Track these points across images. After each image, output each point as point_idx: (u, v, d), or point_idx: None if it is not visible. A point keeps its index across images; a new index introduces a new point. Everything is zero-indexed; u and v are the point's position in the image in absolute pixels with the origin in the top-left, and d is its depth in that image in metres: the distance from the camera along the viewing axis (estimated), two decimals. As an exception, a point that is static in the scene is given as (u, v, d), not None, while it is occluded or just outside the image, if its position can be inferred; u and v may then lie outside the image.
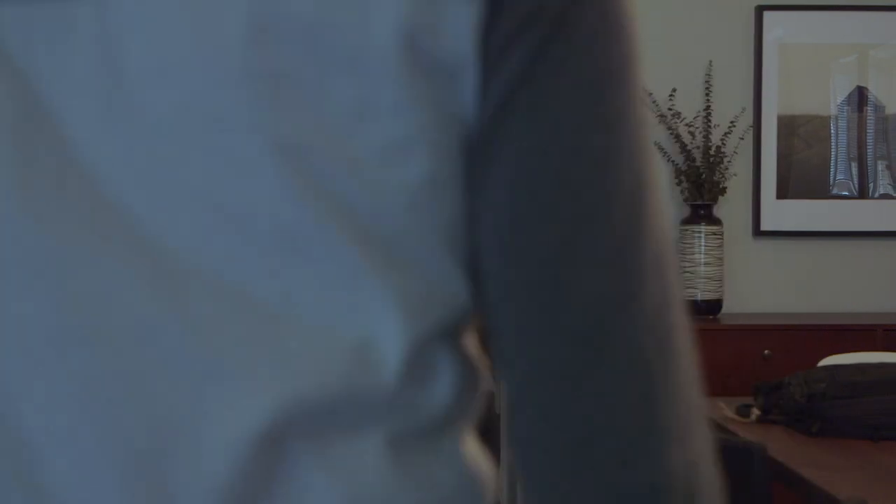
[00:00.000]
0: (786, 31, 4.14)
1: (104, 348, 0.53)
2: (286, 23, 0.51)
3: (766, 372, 3.73)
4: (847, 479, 2.10)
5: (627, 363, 0.55)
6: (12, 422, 0.53)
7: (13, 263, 0.53)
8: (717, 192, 3.94)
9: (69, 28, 0.52)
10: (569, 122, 0.55)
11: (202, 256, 0.52)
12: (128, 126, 0.52)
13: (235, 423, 0.53)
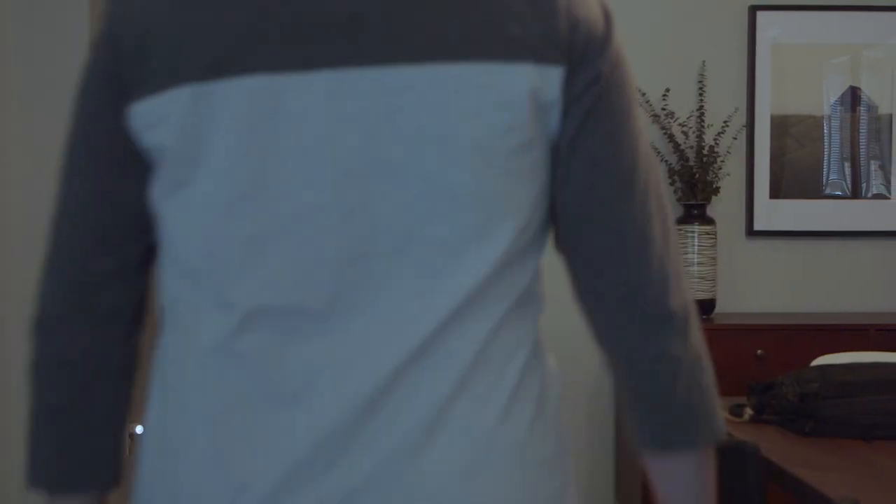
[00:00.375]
0: (779, 31, 4.15)
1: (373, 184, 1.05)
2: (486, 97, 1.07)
3: (760, 371, 3.74)
4: (840, 479, 2.10)
5: (650, 249, 1.12)
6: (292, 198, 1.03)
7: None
8: (710, 191, 3.94)
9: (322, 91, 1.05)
10: (615, 132, 1.11)
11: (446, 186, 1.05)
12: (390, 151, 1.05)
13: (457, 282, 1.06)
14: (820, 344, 3.54)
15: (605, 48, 1.10)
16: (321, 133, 1.03)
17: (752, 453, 2.11)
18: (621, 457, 4.06)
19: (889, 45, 4.16)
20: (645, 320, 1.12)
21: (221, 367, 1.07)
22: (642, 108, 4.05)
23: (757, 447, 2.11)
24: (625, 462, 4.01)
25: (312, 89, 1.03)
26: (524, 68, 1.05)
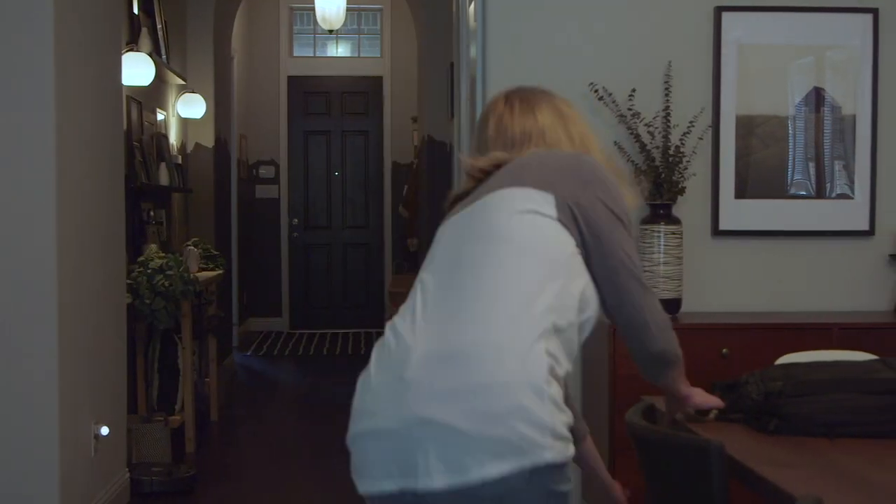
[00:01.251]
0: (744, 33, 4.17)
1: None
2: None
3: (725, 370, 3.75)
4: (803, 478, 2.11)
5: (639, 300, 2.18)
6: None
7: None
8: (676, 191, 3.96)
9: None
10: (608, 237, 2.16)
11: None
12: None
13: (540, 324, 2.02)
14: (784, 343, 3.56)
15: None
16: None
17: (717, 451, 2.12)
18: (588, 456, 4.07)
19: (852, 47, 4.19)
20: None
21: None
22: (609, 109, 4.06)
23: (721, 445, 2.12)
24: (591, 461, 4.02)
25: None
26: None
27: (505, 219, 2.11)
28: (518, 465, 1.90)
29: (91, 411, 4.42)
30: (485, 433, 1.90)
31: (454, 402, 1.92)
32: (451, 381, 1.94)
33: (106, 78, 4.76)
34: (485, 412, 1.91)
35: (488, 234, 2.11)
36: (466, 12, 4.76)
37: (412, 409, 1.94)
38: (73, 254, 4.18)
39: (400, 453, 1.96)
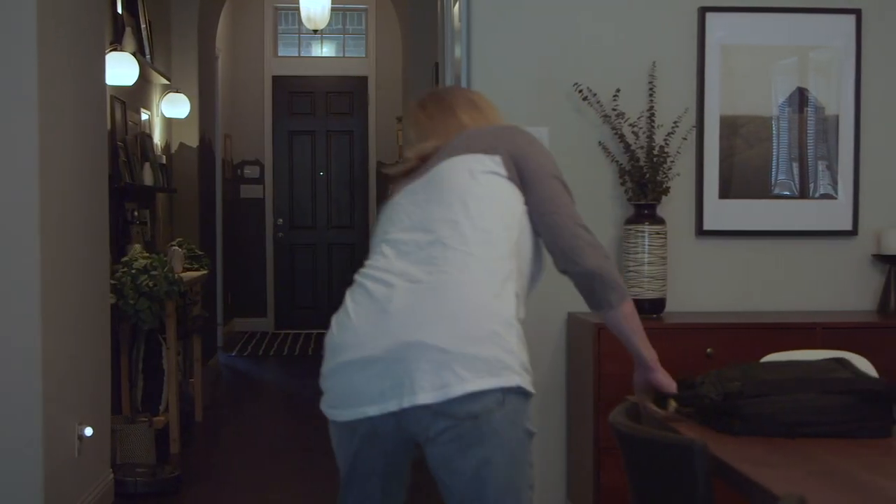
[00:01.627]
0: (728, 33, 4.18)
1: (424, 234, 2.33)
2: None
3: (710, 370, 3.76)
4: (787, 477, 2.12)
5: (572, 226, 2.39)
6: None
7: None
8: (660, 191, 3.97)
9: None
10: (548, 185, 2.43)
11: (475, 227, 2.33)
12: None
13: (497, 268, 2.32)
14: (768, 342, 3.57)
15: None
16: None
17: (700, 451, 2.12)
18: (573, 457, 4.08)
19: (835, 48, 4.21)
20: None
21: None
22: (593, 109, 4.07)
23: (705, 444, 2.13)
24: (577, 462, 4.02)
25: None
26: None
27: (467, 178, 2.35)
28: (493, 383, 2.17)
29: (75, 412, 4.41)
30: (466, 352, 2.16)
31: (438, 326, 2.17)
32: (434, 308, 2.18)
33: (90, 77, 4.74)
34: (465, 335, 2.17)
35: (452, 193, 2.34)
36: (451, 12, 4.76)
37: (399, 336, 2.18)
38: (57, 254, 4.17)
39: (386, 378, 2.18)
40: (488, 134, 2.45)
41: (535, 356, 4.12)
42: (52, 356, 4.09)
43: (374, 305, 2.23)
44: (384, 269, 2.29)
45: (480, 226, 2.29)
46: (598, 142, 4.10)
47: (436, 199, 2.35)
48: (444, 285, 2.22)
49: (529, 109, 4.12)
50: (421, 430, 2.21)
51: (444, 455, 2.22)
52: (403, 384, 2.16)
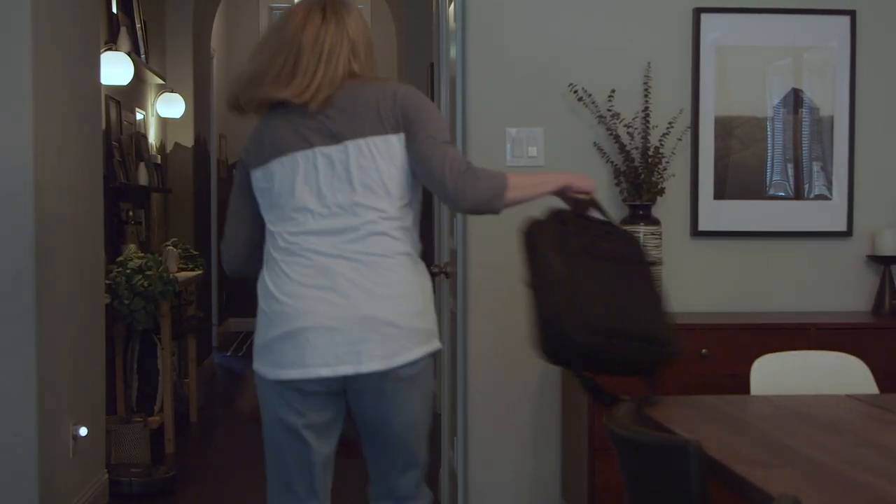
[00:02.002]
0: (723, 34, 4.19)
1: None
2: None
3: (704, 370, 3.77)
4: (782, 477, 2.12)
5: (455, 154, 2.63)
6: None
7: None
8: (655, 192, 3.97)
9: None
10: (430, 123, 2.65)
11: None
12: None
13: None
14: (762, 343, 3.58)
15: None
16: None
17: (694, 451, 2.12)
18: (568, 456, 4.08)
19: (830, 48, 4.21)
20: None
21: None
22: (588, 110, 4.07)
23: (700, 445, 2.13)
24: (571, 461, 4.03)
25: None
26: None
27: (384, 166, 2.63)
28: (426, 350, 2.65)
29: (70, 412, 4.40)
30: (410, 326, 2.60)
31: (390, 305, 2.58)
32: (384, 289, 2.58)
33: (84, 77, 4.74)
34: (408, 311, 2.61)
35: (367, 179, 2.62)
36: (446, 13, 4.76)
37: (360, 310, 2.57)
38: (52, 254, 4.16)
39: (344, 346, 2.57)
40: (385, 104, 2.63)
41: (530, 356, 4.13)
42: (46, 356, 4.09)
43: (320, 278, 2.60)
44: (307, 240, 2.64)
45: (397, 212, 2.65)
46: (593, 142, 4.10)
47: (350, 181, 2.63)
48: (386, 268, 2.62)
49: (524, 110, 4.12)
50: (366, 389, 2.61)
51: (384, 408, 2.64)
52: (360, 353, 2.57)
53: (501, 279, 4.12)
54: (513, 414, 4.15)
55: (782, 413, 2.74)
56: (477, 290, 4.14)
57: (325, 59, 2.64)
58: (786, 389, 3.09)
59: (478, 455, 4.15)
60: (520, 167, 4.11)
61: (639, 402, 2.61)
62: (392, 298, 2.59)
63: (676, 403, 2.87)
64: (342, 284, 2.58)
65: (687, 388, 3.68)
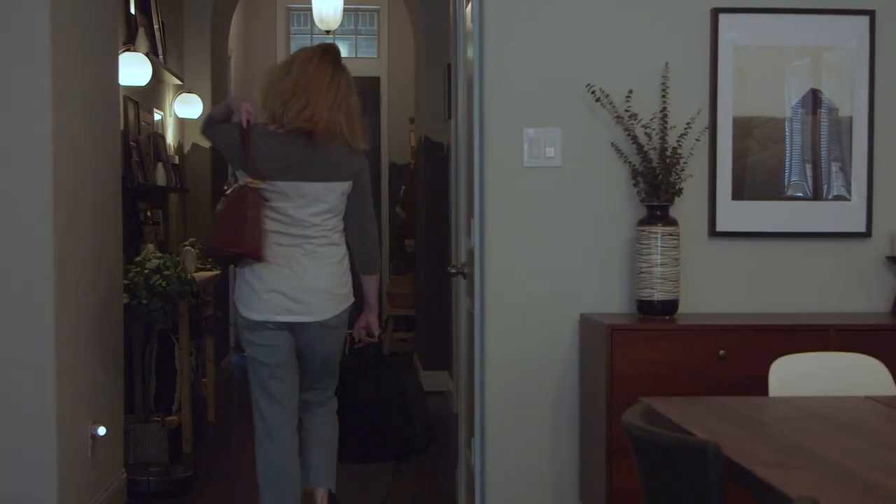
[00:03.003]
0: (741, 34, 4.17)
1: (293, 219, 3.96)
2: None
3: (721, 372, 3.76)
4: (800, 478, 2.12)
5: (367, 224, 4.09)
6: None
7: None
8: (673, 193, 3.97)
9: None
10: (364, 195, 4.06)
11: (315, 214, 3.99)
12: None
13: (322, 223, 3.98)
14: (781, 344, 3.57)
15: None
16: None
17: (713, 452, 2.12)
18: (585, 457, 4.08)
19: (848, 49, 4.19)
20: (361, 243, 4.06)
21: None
22: (606, 110, 4.07)
23: (718, 446, 2.13)
24: (589, 463, 4.02)
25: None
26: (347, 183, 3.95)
27: (334, 197, 3.94)
28: (346, 306, 4.00)
29: (88, 412, 4.42)
30: (337, 292, 3.96)
31: (325, 278, 3.93)
32: (322, 269, 3.93)
33: (103, 78, 4.76)
34: (337, 282, 3.96)
35: (323, 203, 3.92)
36: (463, 13, 4.77)
37: (304, 282, 3.90)
38: (70, 254, 4.18)
39: (293, 303, 3.89)
40: (345, 166, 3.98)
41: (547, 356, 4.15)
42: (65, 356, 4.10)
43: (286, 267, 3.92)
44: (280, 247, 3.92)
45: (332, 221, 3.99)
46: (610, 143, 4.10)
47: (310, 203, 3.93)
48: (324, 256, 3.96)
49: (542, 110, 4.12)
50: (309, 331, 3.95)
51: (314, 344, 4.00)
52: (303, 308, 3.91)
53: (519, 279, 4.12)
54: (530, 414, 4.14)
55: (801, 414, 2.73)
56: (494, 290, 4.14)
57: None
58: (804, 391, 3.08)
59: (495, 456, 4.15)
60: (537, 168, 4.11)
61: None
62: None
63: (694, 404, 2.87)
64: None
65: (704, 389, 3.68)
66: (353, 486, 5.04)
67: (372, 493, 5.24)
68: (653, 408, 2.66)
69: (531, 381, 4.14)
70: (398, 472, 4.92)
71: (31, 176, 3.96)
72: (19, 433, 3.99)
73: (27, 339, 3.97)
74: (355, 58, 11.38)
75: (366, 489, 5.26)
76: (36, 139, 3.96)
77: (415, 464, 5.16)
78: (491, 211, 4.14)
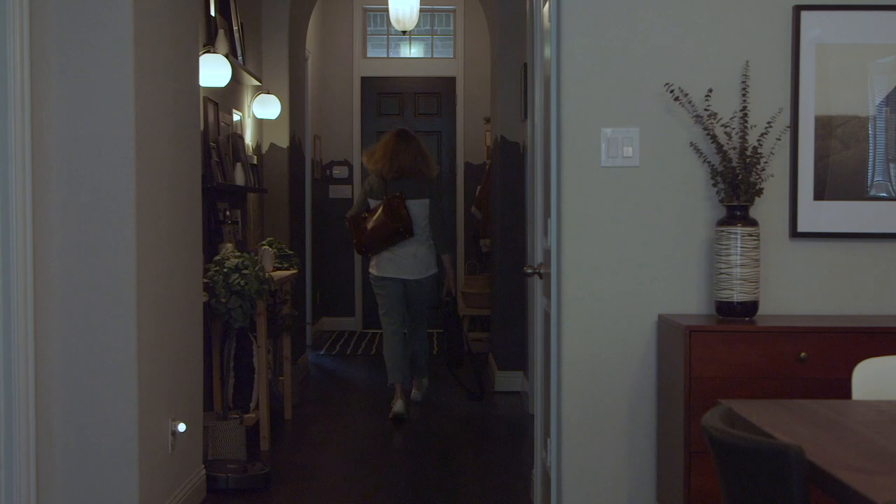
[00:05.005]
0: (823, 31, 4.11)
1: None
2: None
3: (802, 374, 3.71)
4: (886, 485, 2.08)
5: (446, 225, 7.28)
6: None
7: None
8: (753, 193, 3.92)
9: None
10: (440, 204, 7.14)
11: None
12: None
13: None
14: (863, 347, 3.51)
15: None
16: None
17: (796, 456, 2.09)
18: (663, 458, 4.05)
19: (936, 46, 4.11)
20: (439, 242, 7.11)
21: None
22: (685, 109, 4.03)
23: (801, 450, 2.10)
24: (667, 465, 3.99)
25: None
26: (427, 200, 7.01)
27: (421, 210, 6.90)
28: (434, 272, 7.03)
29: (169, 408, 4.49)
30: (427, 262, 7.01)
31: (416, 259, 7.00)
32: (417, 254, 6.96)
33: (184, 79, 4.83)
34: (424, 260, 7.00)
35: (415, 215, 6.89)
36: (540, 13, 4.75)
37: (408, 255, 6.96)
38: (152, 252, 4.25)
39: (400, 266, 6.94)
40: (427, 184, 6.97)
41: (624, 358, 4.13)
42: (146, 354, 4.17)
43: (395, 256, 6.94)
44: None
45: (422, 227, 6.94)
46: (689, 142, 4.06)
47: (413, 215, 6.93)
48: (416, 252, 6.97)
49: (620, 110, 4.10)
50: (412, 285, 6.97)
51: (418, 295, 7.01)
52: (410, 271, 6.92)
53: (596, 279, 4.10)
54: (606, 415, 4.12)
55: (886, 418, 2.68)
56: (571, 290, 4.12)
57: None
58: (889, 394, 3.03)
59: (571, 456, 4.14)
60: (615, 167, 4.08)
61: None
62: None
63: (775, 407, 2.83)
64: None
65: (784, 392, 3.63)
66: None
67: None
68: (733, 410, 2.63)
69: (607, 382, 4.12)
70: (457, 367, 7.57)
71: (114, 176, 4.03)
72: (102, 429, 4.06)
73: (109, 337, 4.04)
74: (431, 58, 11.41)
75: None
76: (119, 140, 4.03)
77: (493, 462, 5.13)
78: (568, 211, 4.12)
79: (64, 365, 4.01)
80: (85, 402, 4.04)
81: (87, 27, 4.00)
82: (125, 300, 4.04)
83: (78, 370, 4.02)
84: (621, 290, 4.12)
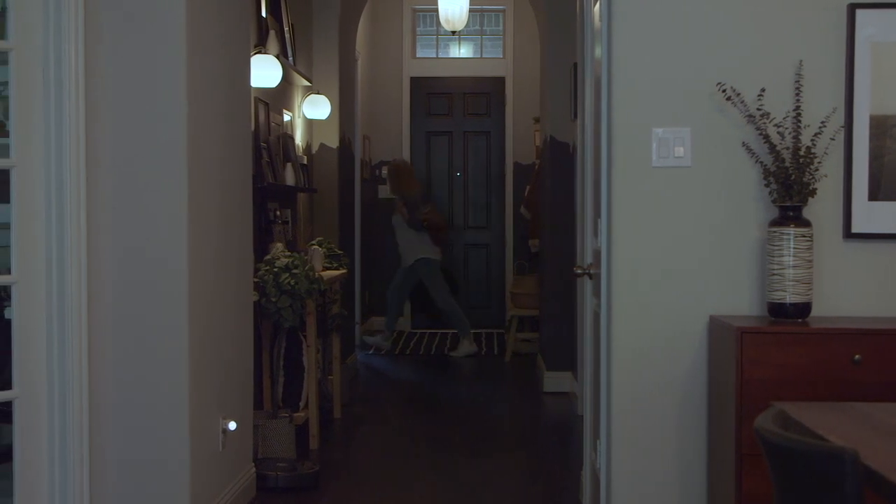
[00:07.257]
0: (878, 30, 4.06)
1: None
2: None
3: (856, 377, 3.66)
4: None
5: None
6: None
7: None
8: (806, 193, 3.88)
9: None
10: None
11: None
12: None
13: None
14: (920, 349, 3.46)
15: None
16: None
17: (850, 460, 2.07)
18: (714, 461, 4.02)
19: None
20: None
21: None
22: (737, 109, 4.00)
23: (856, 453, 2.07)
24: (718, 469, 3.96)
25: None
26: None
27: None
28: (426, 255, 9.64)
29: (219, 406, 4.52)
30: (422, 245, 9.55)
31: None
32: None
33: (235, 79, 4.86)
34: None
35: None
36: (591, 12, 4.74)
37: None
38: (203, 252, 4.28)
39: (409, 252, 9.62)
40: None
41: (674, 359, 4.10)
42: (198, 352, 4.20)
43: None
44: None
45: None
46: (741, 142, 4.03)
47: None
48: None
49: (671, 109, 4.07)
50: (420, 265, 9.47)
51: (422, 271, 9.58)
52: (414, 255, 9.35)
53: (646, 280, 4.08)
54: (656, 416, 4.10)
55: (942, 422, 2.64)
56: (621, 291, 4.10)
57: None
58: (945, 398, 2.99)
59: (621, 458, 4.12)
60: (666, 167, 4.06)
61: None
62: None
63: (828, 409, 2.80)
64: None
65: (838, 395, 3.59)
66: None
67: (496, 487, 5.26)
68: (786, 413, 2.61)
69: (657, 383, 4.09)
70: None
71: (166, 176, 4.07)
72: (154, 427, 4.10)
73: (161, 335, 4.08)
74: (480, 58, 11.41)
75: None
76: (171, 139, 4.06)
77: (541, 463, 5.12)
78: (618, 211, 4.10)
79: (116, 363, 4.05)
80: (137, 399, 4.08)
81: (139, 28, 4.04)
82: (177, 299, 4.08)
83: (130, 368, 4.06)
84: (672, 290, 4.09)
